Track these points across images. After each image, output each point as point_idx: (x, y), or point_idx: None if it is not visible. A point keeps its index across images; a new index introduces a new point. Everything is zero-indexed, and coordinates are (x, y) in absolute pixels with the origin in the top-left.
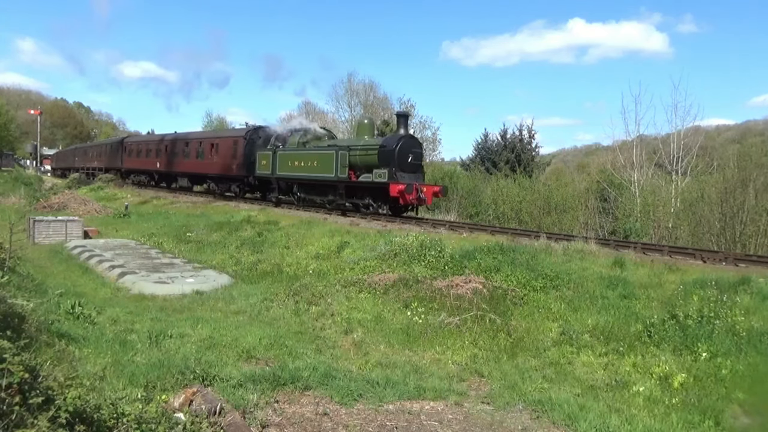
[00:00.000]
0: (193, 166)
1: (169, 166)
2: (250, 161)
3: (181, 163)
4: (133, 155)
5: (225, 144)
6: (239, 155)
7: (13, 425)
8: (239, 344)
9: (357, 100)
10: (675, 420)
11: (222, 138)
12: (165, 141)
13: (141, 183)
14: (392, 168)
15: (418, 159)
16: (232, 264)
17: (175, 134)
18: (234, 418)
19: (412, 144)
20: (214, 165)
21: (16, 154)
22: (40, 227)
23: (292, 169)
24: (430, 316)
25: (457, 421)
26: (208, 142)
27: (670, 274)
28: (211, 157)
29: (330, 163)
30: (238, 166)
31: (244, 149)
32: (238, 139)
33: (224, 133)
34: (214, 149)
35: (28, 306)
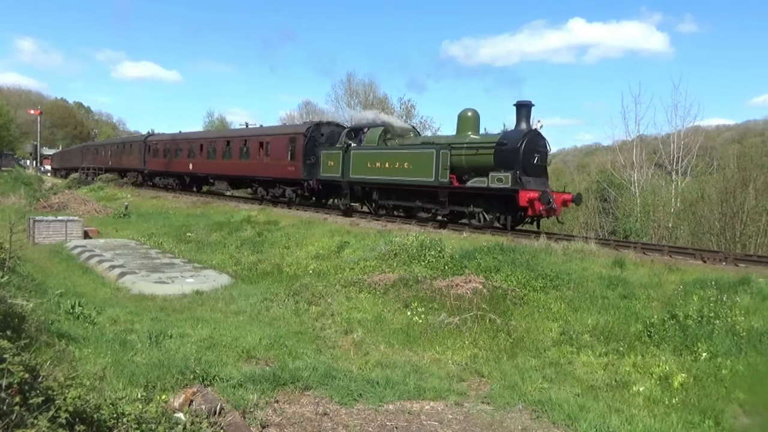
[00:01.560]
0: (235, 167)
1: (203, 167)
2: (311, 162)
3: (219, 164)
4: (159, 155)
5: (279, 142)
6: (298, 155)
7: (13, 425)
8: (239, 344)
9: (357, 100)
10: (675, 420)
11: (275, 135)
12: (199, 139)
13: (168, 187)
14: (516, 171)
15: (544, 160)
16: (232, 264)
17: (212, 132)
18: (234, 418)
19: (537, 141)
20: (263, 166)
21: (16, 154)
22: (40, 227)
23: (372, 171)
24: (430, 316)
25: (457, 421)
26: (255, 140)
27: (670, 274)
28: (259, 158)
29: (428, 164)
30: (295, 168)
31: (304, 148)
32: (296, 136)
33: (278, 129)
34: (264, 148)
35: (28, 306)
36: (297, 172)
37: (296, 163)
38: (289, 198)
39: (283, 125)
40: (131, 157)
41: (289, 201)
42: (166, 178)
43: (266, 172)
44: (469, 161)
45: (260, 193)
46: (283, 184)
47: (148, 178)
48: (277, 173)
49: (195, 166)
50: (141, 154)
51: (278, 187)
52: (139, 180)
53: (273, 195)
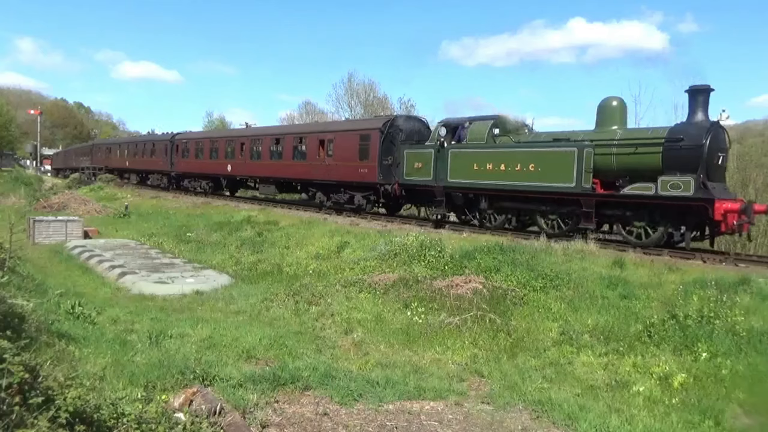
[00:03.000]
0: (286, 169)
1: (245, 169)
2: (387, 163)
3: (266, 165)
4: (189, 155)
5: (347, 140)
6: (372, 155)
7: (13, 425)
8: (239, 344)
9: (357, 101)
10: (675, 420)
11: (342, 132)
12: (241, 137)
13: (199, 191)
14: (699, 175)
15: (726, 161)
16: (232, 264)
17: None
18: (234, 418)
19: (720, 137)
20: (324, 168)
21: (16, 154)
22: (40, 227)
23: (479, 174)
24: (430, 316)
25: (457, 421)
26: (314, 138)
27: (670, 274)
28: (319, 158)
29: (566, 166)
30: (369, 170)
31: (380, 147)
32: (370, 132)
33: (345, 125)
34: (326, 147)
35: (28, 306)
36: (371, 175)
37: (370, 164)
38: (357, 205)
39: (351, 120)
40: (155, 158)
41: (357, 208)
42: (198, 180)
43: (328, 174)
44: (622, 162)
45: (319, 199)
46: (351, 189)
47: (175, 181)
48: (344, 176)
49: (235, 168)
50: (167, 154)
51: (343, 192)
52: (164, 183)
53: (335, 201)
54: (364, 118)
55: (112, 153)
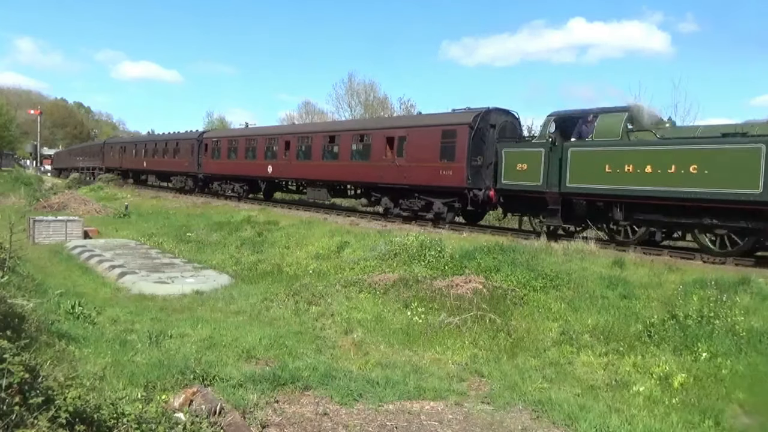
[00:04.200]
0: (342, 170)
1: (291, 170)
2: (477, 164)
3: (317, 166)
4: (220, 155)
5: (425, 137)
6: (459, 154)
7: (13, 425)
8: (239, 344)
9: (357, 100)
10: (675, 420)
11: (419, 128)
12: (285, 135)
13: (231, 194)
14: None
15: None
16: (232, 264)
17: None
18: (234, 418)
19: None
20: (393, 170)
21: (17, 154)
22: (40, 227)
23: (611, 178)
24: (430, 316)
25: (457, 421)
26: (380, 135)
27: (670, 274)
28: (387, 158)
29: (747, 167)
30: (455, 172)
31: (469, 145)
32: (456, 128)
33: (421, 119)
34: (396, 145)
35: (28, 306)
36: (457, 178)
37: (456, 165)
38: (436, 213)
39: (428, 114)
40: (179, 159)
41: (435, 217)
42: (230, 183)
43: (398, 177)
44: None
45: (385, 206)
46: (428, 194)
47: (202, 184)
48: (419, 179)
49: (277, 169)
50: (194, 154)
51: (418, 198)
52: (189, 185)
53: (409, 209)
54: (446, 112)
55: (127, 153)
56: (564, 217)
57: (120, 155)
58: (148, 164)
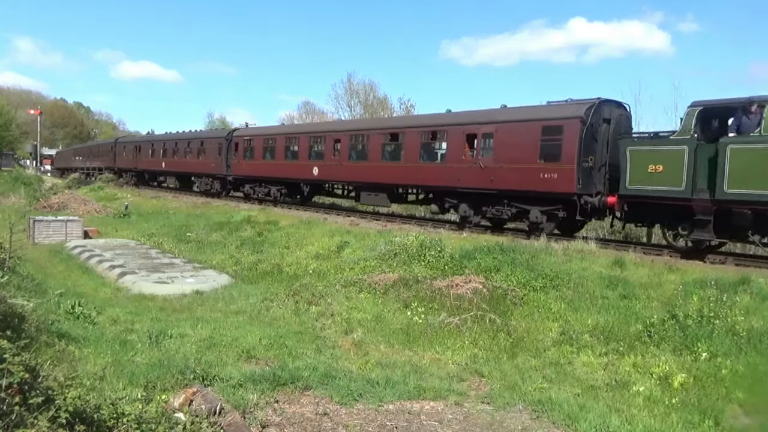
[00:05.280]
0: (408, 173)
1: (341, 172)
2: (588, 165)
3: (375, 168)
4: (255, 155)
5: (519, 133)
6: (567, 154)
7: (13, 425)
8: (239, 344)
9: (357, 100)
10: (675, 420)
11: (510, 123)
12: (335, 133)
13: (267, 198)
14: None
15: None
16: (232, 264)
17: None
18: (234, 418)
19: None
20: (476, 172)
21: (17, 154)
22: (40, 227)
23: None
24: (430, 316)
25: (457, 421)
26: (458, 132)
27: (670, 274)
28: (466, 159)
29: None
30: (560, 175)
31: (580, 143)
32: (563, 123)
33: (513, 113)
34: (480, 143)
35: (28, 306)
36: (564, 182)
37: (563, 166)
38: (532, 223)
39: (523, 107)
40: (205, 159)
41: (530, 228)
42: (265, 186)
43: (482, 180)
44: None
45: (464, 213)
46: (522, 200)
47: (231, 187)
48: (512, 183)
49: (324, 171)
50: (222, 154)
51: (507, 205)
52: (216, 188)
53: (495, 218)
54: (545, 105)
55: (142, 152)
56: (716, 230)
57: (134, 155)
58: (167, 165)
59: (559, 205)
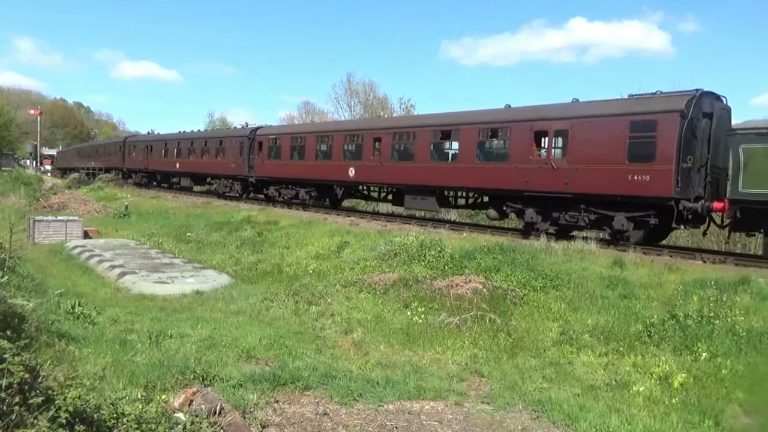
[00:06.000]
0: (461, 174)
1: (382, 173)
2: (687, 167)
3: (422, 169)
4: (281, 155)
5: (601, 130)
6: (664, 154)
7: (13, 425)
8: (239, 344)
9: (357, 100)
10: (675, 420)
11: (591, 119)
12: (375, 131)
13: (295, 202)
14: None
15: None
16: (232, 264)
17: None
18: (234, 418)
19: None
20: (546, 174)
21: (17, 154)
22: (40, 227)
23: None
24: (430, 316)
25: (457, 421)
26: (523, 129)
27: (670, 274)
28: (534, 159)
29: None
30: (654, 177)
31: (679, 140)
32: (658, 117)
33: (591, 108)
34: (550, 141)
35: (28, 306)
36: (659, 185)
37: (658, 167)
38: (615, 231)
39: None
40: (224, 159)
41: (612, 237)
42: (292, 188)
43: (556, 183)
44: None
45: (530, 219)
46: (607, 206)
47: (253, 188)
48: (594, 186)
49: (362, 172)
50: (243, 154)
51: (584, 211)
52: (237, 191)
53: (570, 224)
54: (630, 98)
55: (154, 152)
56: None
57: (145, 155)
58: (181, 166)
59: (651, 211)
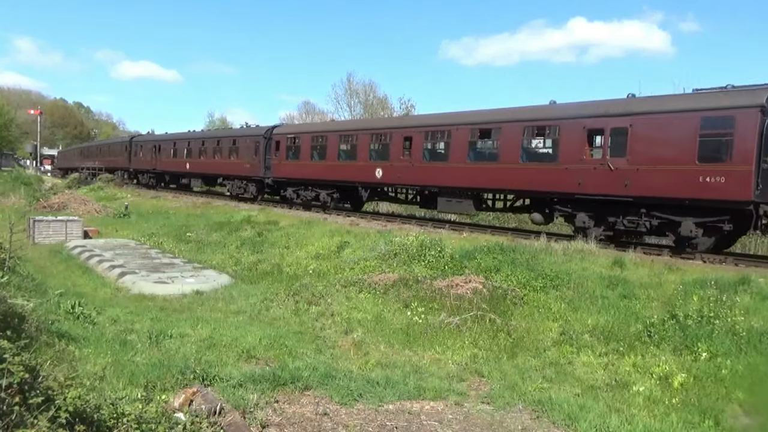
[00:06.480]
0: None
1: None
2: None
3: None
4: (301, 155)
5: (665, 127)
6: (742, 154)
7: (13, 425)
8: (239, 344)
9: (357, 100)
10: (675, 420)
11: (651, 115)
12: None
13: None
14: None
15: None
16: (232, 264)
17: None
18: (234, 418)
19: None
20: (599, 174)
21: (17, 154)
22: (40, 227)
23: None
24: (430, 316)
25: (457, 421)
26: (574, 127)
27: (670, 274)
28: (584, 158)
29: None
30: (730, 180)
31: (760, 138)
32: (734, 114)
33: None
34: (604, 140)
35: (28, 306)
36: (735, 188)
37: (734, 168)
38: (682, 238)
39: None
40: (238, 159)
41: (677, 244)
42: (312, 189)
43: (614, 185)
44: None
45: (582, 224)
46: (673, 210)
47: (270, 190)
48: (658, 188)
49: (390, 173)
50: (259, 154)
51: (645, 216)
52: (251, 192)
53: (629, 230)
54: (696, 93)
55: (162, 152)
56: None
57: (153, 155)
58: (191, 166)
59: (725, 216)
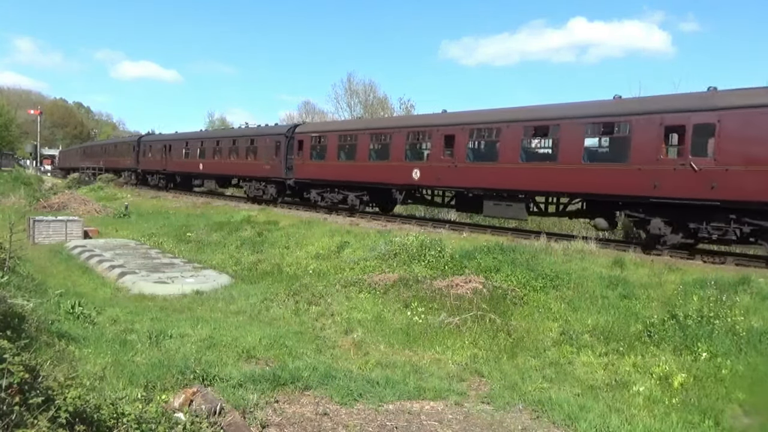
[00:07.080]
0: (553, 177)
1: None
2: None
3: (502, 170)
4: (327, 155)
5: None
6: None
7: (13, 425)
8: (239, 344)
9: (357, 100)
10: (675, 420)
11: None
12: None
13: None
14: None
15: None
16: (232, 264)
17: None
18: (234, 418)
19: None
20: (679, 176)
21: (17, 154)
22: (40, 227)
23: None
24: (430, 316)
25: (457, 421)
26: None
27: (670, 274)
28: (660, 158)
29: None
30: None
31: None
32: None
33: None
34: (685, 139)
35: (28, 306)
36: None
37: None
38: None
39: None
40: (256, 160)
41: None
42: (339, 191)
43: (697, 188)
44: None
45: (657, 230)
46: (760, 215)
47: (291, 192)
48: (752, 192)
49: (430, 174)
50: (279, 154)
51: (737, 222)
52: (272, 194)
53: (716, 237)
54: None
55: (173, 152)
56: None
57: (163, 155)
58: (205, 167)
59: None
